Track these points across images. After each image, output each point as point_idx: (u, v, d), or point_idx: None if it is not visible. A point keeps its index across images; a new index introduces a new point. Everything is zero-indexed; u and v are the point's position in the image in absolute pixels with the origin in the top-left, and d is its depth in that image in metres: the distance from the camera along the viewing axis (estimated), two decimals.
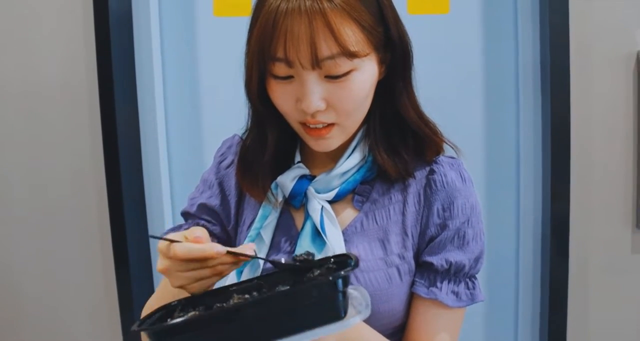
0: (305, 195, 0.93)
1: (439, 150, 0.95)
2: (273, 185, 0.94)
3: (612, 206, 1.73)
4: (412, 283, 0.93)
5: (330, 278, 0.63)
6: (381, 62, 0.89)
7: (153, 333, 0.63)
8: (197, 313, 0.68)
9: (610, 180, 1.72)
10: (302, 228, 0.92)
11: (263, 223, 0.93)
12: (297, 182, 0.93)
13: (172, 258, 0.71)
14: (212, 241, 1.00)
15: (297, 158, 0.96)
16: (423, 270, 0.93)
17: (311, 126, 0.86)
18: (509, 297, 1.88)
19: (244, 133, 0.99)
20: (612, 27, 1.66)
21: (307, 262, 0.73)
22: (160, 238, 0.70)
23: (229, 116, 1.00)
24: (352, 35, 0.80)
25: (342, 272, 0.63)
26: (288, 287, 0.69)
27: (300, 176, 0.93)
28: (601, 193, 1.72)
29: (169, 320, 0.67)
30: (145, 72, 1.84)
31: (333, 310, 0.63)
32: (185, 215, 1.02)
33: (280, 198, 0.94)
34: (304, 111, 0.83)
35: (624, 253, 1.74)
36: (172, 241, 0.70)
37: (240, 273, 0.91)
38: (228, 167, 1.01)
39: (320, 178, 0.93)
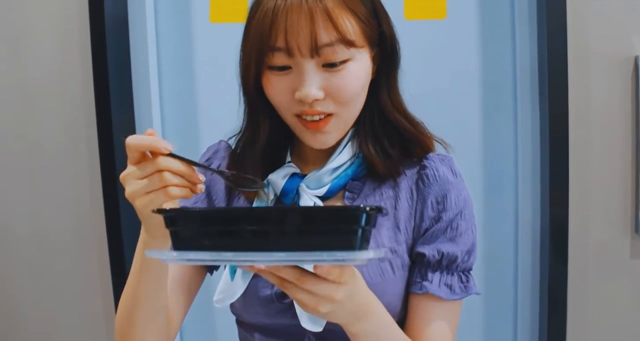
0: (297, 193, 0.93)
1: (427, 149, 0.96)
2: (264, 183, 0.95)
3: (611, 211, 1.72)
4: (407, 283, 0.94)
5: (354, 209, 0.64)
6: (373, 59, 0.90)
7: (168, 217, 0.65)
8: (214, 207, 0.72)
9: (608, 185, 1.71)
10: None
11: None
12: (289, 180, 0.94)
13: (129, 161, 0.74)
14: None
15: (288, 158, 0.97)
16: (416, 265, 0.94)
17: (308, 118, 0.87)
18: (508, 303, 1.87)
19: (230, 138, 1.01)
20: (610, 32, 1.66)
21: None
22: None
23: (225, 122, 1.00)
24: (350, 26, 0.84)
25: (368, 208, 0.63)
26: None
27: (292, 174, 0.94)
28: (600, 198, 1.72)
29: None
30: (141, 77, 1.83)
31: (349, 241, 0.62)
32: None
33: (272, 196, 0.94)
34: (302, 101, 0.85)
35: (622, 258, 1.73)
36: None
37: (233, 272, 0.92)
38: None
39: (312, 175, 0.94)
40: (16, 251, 1.88)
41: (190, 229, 0.65)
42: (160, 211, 0.67)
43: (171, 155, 0.74)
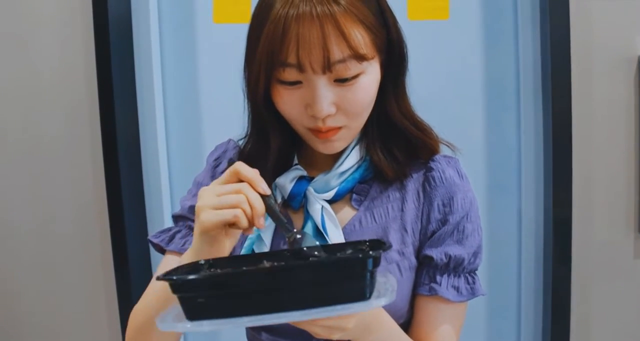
0: (305, 196, 0.93)
1: (433, 152, 0.96)
2: (272, 187, 0.95)
3: (615, 211, 1.72)
4: (415, 284, 0.94)
5: (361, 255, 0.63)
6: (381, 65, 0.89)
7: (175, 284, 0.63)
8: (223, 270, 0.69)
9: (612, 184, 1.71)
10: (303, 228, 0.92)
11: None
12: (296, 183, 0.93)
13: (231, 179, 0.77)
14: None
15: (295, 160, 0.96)
16: (423, 267, 0.94)
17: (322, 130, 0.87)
18: (511, 303, 1.87)
19: (239, 139, 0.99)
20: (612, 32, 1.66)
21: (341, 244, 0.76)
22: None
23: (229, 122, 1.00)
24: (361, 38, 0.82)
25: (373, 252, 0.63)
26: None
27: (299, 177, 0.94)
28: (603, 198, 1.72)
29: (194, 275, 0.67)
30: (144, 78, 1.83)
31: (359, 288, 0.62)
32: (177, 218, 1.01)
33: (279, 200, 0.94)
34: (314, 116, 0.84)
35: (626, 258, 1.73)
36: None
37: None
38: (223, 171, 1.01)
39: (319, 179, 0.93)
40: (18, 246, 1.89)
41: (200, 295, 0.63)
42: (167, 278, 0.65)
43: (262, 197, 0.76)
